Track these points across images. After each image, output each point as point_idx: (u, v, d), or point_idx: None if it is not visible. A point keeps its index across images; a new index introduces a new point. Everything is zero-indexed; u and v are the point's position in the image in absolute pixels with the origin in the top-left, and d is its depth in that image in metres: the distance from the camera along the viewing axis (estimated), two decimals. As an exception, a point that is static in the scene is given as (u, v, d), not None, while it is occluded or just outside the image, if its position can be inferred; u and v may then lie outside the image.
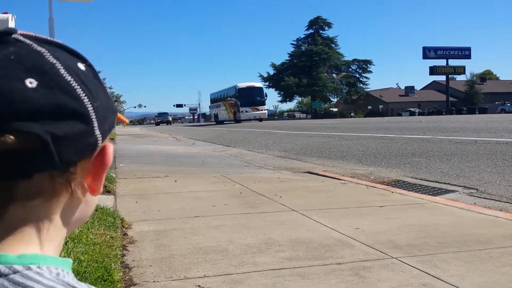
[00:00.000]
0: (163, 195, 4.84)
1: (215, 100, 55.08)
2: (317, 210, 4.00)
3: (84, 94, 0.50)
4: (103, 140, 0.53)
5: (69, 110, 0.49)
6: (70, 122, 0.49)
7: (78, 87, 0.50)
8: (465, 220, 3.56)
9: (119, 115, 0.62)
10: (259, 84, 48.50)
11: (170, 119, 76.54)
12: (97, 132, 0.51)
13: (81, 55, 0.55)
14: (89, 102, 0.51)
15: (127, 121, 0.74)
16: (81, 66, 0.53)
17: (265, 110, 44.93)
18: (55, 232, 0.53)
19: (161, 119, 73.75)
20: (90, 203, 0.58)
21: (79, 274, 1.99)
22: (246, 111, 43.09)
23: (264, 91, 45.97)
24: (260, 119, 43.98)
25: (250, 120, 43.41)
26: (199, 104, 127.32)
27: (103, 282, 1.92)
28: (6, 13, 6.07)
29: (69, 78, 0.50)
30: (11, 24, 5.82)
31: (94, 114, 0.51)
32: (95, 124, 0.51)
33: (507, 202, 4.33)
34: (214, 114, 54.81)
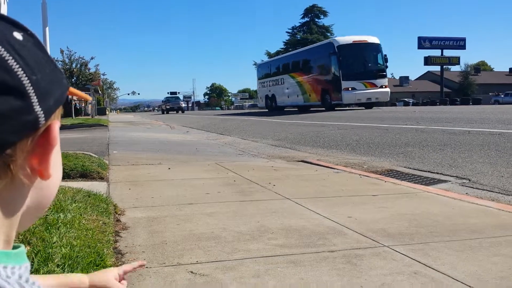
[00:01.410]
0: (156, 182, 4.83)
1: (272, 73, 35.14)
2: (310, 198, 4.01)
3: (17, 66, 0.44)
4: (46, 117, 0.47)
5: None
6: (1, 98, 0.43)
7: (10, 57, 0.44)
8: (457, 210, 3.59)
9: (74, 90, 0.57)
10: (374, 38, 26.17)
11: (183, 105, 55.07)
12: (37, 108, 0.46)
13: (20, 23, 0.49)
14: (24, 75, 0.45)
15: (88, 97, 0.69)
16: (18, 35, 0.47)
17: (385, 86, 25.18)
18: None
19: (171, 105, 52.64)
20: (46, 189, 0.53)
21: (71, 259, 1.99)
22: (353, 88, 24.28)
23: (383, 52, 25.92)
24: (376, 103, 26.20)
25: (358, 104, 25.97)
26: (193, 92, 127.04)
27: (95, 267, 1.91)
28: (-2, -4, 5.98)
29: None
30: (4, 8, 5.73)
31: (31, 88, 0.45)
32: (34, 99, 0.45)
33: (499, 193, 4.36)
34: (267, 96, 35.25)
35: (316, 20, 73.79)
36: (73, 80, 28.96)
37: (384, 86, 25.28)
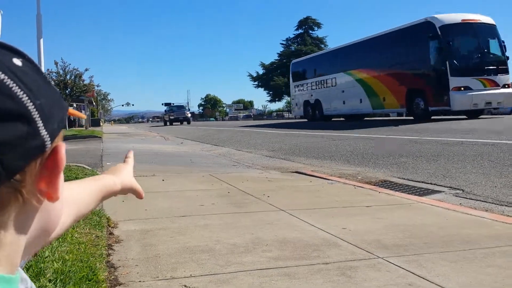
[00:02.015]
0: (150, 194, 4.81)
1: (316, 72, 27.41)
2: (304, 209, 4.01)
3: (22, 92, 0.45)
4: (52, 140, 0.48)
5: (6, 111, 0.44)
6: (8, 125, 0.44)
7: (14, 84, 0.45)
8: (451, 220, 3.59)
9: (72, 110, 0.58)
10: (487, 18, 18.54)
11: (189, 115, 46.18)
12: (43, 132, 0.47)
13: (17, 49, 0.50)
14: (29, 100, 0.46)
15: (84, 116, 0.72)
16: (17, 61, 0.48)
17: (510, 85, 17.96)
18: (7, 247, 0.48)
19: (176, 115, 44.48)
20: (53, 211, 0.53)
21: (63, 274, 1.97)
22: (467, 88, 16.95)
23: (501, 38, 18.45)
24: (495, 111, 20.92)
25: (466, 112, 18.20)
26: (187, 103, 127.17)
27: (87, 282, 1.89)
28: (-8, 8, 5.98)
29: (1, 76, 0.44)
30: (-3, 20, 5.74)
31: (36, 112, 0.46)
32: (39, 123, 0.46)
33: (492, 203, 4.37)
34: (307, 102, 27.83)
35: (310, 31, 74.34)
36: (67, 91, 28.84)
37: (508, 85, 17.67)
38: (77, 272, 1.99)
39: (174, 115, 44.76)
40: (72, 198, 0.72)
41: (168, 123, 44.81)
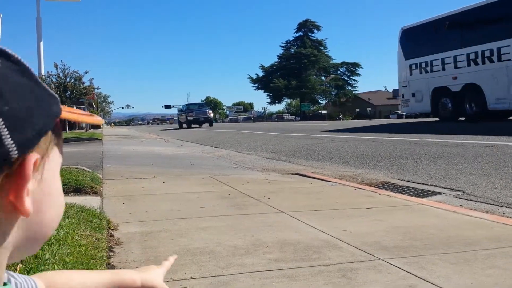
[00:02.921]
0: (150, 197, 4.81)
1: (467, 36, 16.07)
2: (305, 211, 4.01)
3: None
4: (23, 150, 0.45)
5: None
6: None
7: None
8: (451, 222, 3.59)
9: (69, 115, 0.54)
10: None
11: (212, 115, 37.52)
12: (8, 141, 0.43)
13: (2, 49, 0.46)
14: None
15: (101, 121, 0.63)
16: None
17: None
18: None
19: (195, 115, 35.91)
20: (36, 225, 0.51)
21: (64, 276, 1.97)
22: None
23: None
24: None
25: None
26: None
27: (88, 284, 1.90)
28: (-8, 12, 5.99)
29: None
30: (-3, 23, 5.75)
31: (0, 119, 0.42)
32: (3, 132, 0.42)
33: (493, 204, 4.37)
34: (442, 90, 17.50)
35: (310, 34, 74.43)
36: (67, 94, 28.85)
37: None
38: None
39: (193, 115, 35.28)
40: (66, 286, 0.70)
41: (185, 125, 35.94)
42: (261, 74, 73.78)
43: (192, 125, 35.45)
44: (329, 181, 5.85)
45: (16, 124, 0.44)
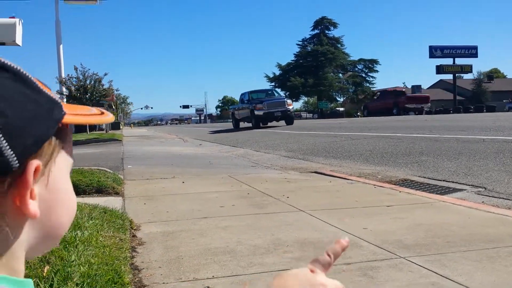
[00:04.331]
0: (171, 197, 4.87)
1: None
2: (324, 210, 4.01)
3: None
4: (24, 157, 0.46)
5: None
6: None
7: None
8: (473, 219, 3.55)
9: (74, 119, 0.53)
10: None
11: (291, 108, 24.13)
12: (7, 152, 0.44)
13: None
14: None
15: (111, 119, 0.60)
16: None
17: None
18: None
19: (266, 108, 22.69)
20: (48, 225, 0.53)
21: (90, 277, 2.01)
22: None
23: None
24: None
25: None
26: (205, 105, 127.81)
27: (113, 285, 1.94)
28: (13, 17, 6.13)
29: None
30: (19, 29, 5.87)
31: None
32: (2, 143, 0.43)
33: (515, 201, 4.30)
34: None
35: (326, 31, 73.91)
36: (87, 96, 29.30)
37: None
38: (103, 275, 2.03)
39: (264, 107, 22.56)
40: None
41: (253, 123, 23.52)
42: (278, 72, 73.54)
43: (266, 122, 23.44)
44: (348, 179, 5.83)
45: (15, 134, 0.44)
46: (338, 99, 76.77)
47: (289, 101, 24.25)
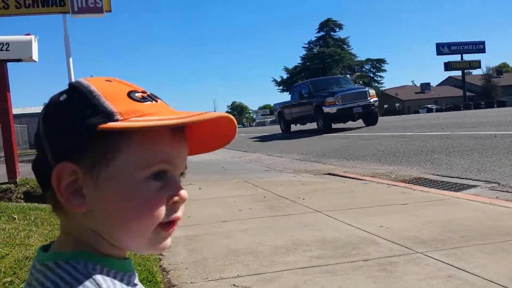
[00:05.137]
0: (190, 202, 4.95)
1: None
2: (340, 210, 4.10)
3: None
4: (56, 162, 0.59)
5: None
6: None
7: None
8: (488, 214, 3.63)
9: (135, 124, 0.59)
10: None
11: (374, 101, 16.92)
12: (52, 162, 0.60)
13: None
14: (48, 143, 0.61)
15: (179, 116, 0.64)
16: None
17: None
18: (68, 238, 0.63)
19: (343, 102, 16.12)
20: (98, 219, 0.61)
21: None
22: None
23: None
24: None
25: None
26: (214, 111, 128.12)
27: (148, 283, 2.06)
28: (29, 34, 6.30)
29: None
30: (35, 46, 6.04)
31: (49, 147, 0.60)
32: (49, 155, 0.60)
33: (529, 195, 4.36)
34: None
35: (332, 33, 73.92)
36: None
37: None
38: (138, 274, 2.16)
39: (338, 101, 16.58)
40: None
41: (321, 124, 17.40)
42: (285, 76, 73.64)
43: (342, 120, 17.55)
44: (362, 180, 5.92)
45: (53, 141, 0.59)
46: (347, 100, 76.52)
47: (371, 91, 17.43)
